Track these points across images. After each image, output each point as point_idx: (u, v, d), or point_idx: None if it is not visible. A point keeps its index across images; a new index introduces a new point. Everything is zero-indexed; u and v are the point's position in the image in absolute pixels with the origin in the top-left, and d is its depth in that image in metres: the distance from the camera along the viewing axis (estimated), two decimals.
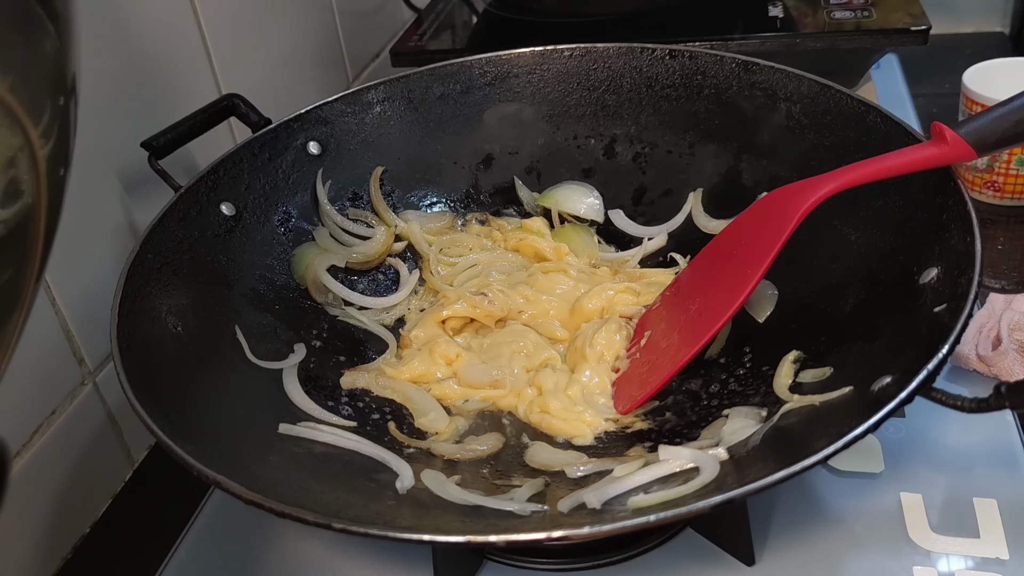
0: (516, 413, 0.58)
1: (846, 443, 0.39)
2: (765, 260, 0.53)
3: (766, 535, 0.52)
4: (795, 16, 0.89)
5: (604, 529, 0.38)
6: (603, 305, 0.63)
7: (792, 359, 0.53)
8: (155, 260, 0.56)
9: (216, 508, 0.60)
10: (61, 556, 0.59)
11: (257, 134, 0.66)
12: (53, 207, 0.27)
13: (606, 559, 0.52)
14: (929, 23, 0.84)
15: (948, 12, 1.10)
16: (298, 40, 0.90)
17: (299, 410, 0.56)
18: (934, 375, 0.41)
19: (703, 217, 0.68)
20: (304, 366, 0.59)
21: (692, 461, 0.46)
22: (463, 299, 0.64)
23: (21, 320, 0.27)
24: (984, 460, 0.55)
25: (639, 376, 0.57)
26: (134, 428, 0.64)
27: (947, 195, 0.51)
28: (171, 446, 0.43)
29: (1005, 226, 0.77)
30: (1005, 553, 0.49)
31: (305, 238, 0.67)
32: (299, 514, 0.40)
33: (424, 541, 0.39)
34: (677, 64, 0.69)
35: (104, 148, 0.63)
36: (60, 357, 0.60)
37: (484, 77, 0.72)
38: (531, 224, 0.71)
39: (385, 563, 0.54)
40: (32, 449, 0.57)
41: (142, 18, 0.67)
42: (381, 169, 0.71)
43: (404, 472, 0.51)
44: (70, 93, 0.27)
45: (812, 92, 0.62)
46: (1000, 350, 0.60)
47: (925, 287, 0.49)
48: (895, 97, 0.96)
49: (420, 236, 0.70)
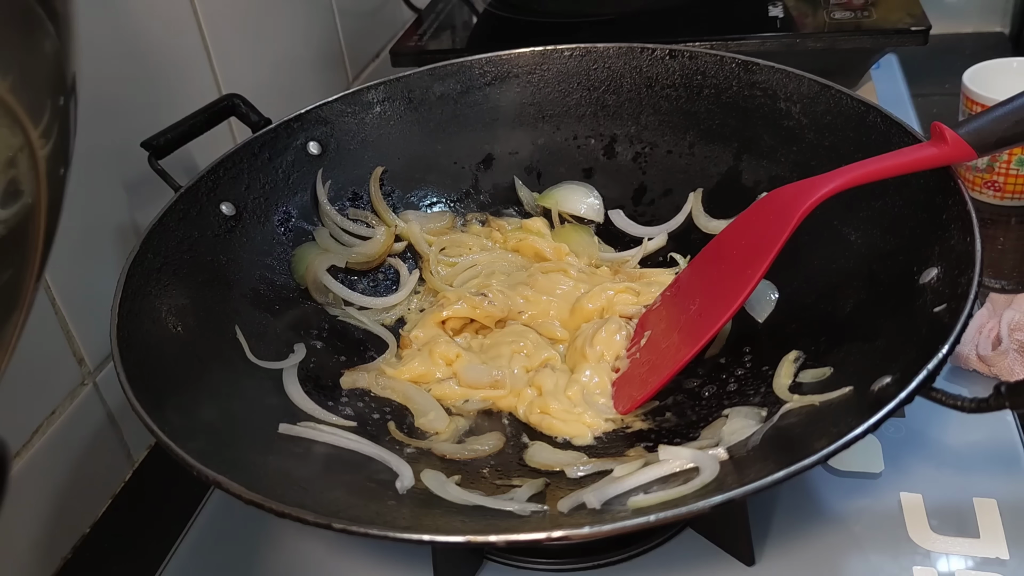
0: (516, 414, 0.58)
1: (846, 443, 0.39)
2: (765, 260, 0.53)
3: (766, 535, 0.52)
4: (795, 16, 0.89)
5: (604, 529, 0.38)
6: (603, 305, 0.63)
7: (792, 359, 0.53)
8: (155, 260, 0.56)
9: (216, 508, 0.60)
10: (61, 556, 0.59)
11: (257, 134, 0.66)
12: (53, 207, 0.27)
13: (606, 559, 0.52)
14: (929, 23, 0.84)
15: (948, 12, 1.10)
16: (298, 40, 0.90)
17: (299, 410, 0.56)
18: (934, 375, 0.41)
19: (703, 217, 0.68)
20: (304, 366, 0.59)
21: (692, 461, 0.46)
22: (463, 299, 0.64)
23: (21, 320, 0.27)
24: (984, 460, 0.55)
25: (639, 376, 0.57)
26: (134, 428, 0.64)
27: (947, 195, 0.51)
28: (171, 446, 0.43)
29: (1005, 226, 0.77)
30: (1005, 553, 0.50)
31: (305, 238, 0.67)
32: (299, 514, 0.40)
33: (424, 541, 0.39)
34: (677, 64, 0.69)
35: (104, 148, 0.63)
36: (60, 357, 0.60)
37: (484, 77, 0.72)
38: (531, 224, 0.71)
39: (385, 563, 0.54)
40: (32, 449, 0.57)
41: (142, 18, 0.67)
42: (381, 169, 0.71)
43: (404, 472, 0.51)
44: (70, 93, 0.28)
45: (812, 92, 0.62)
46: (1000, 350, 0.60)
47: (925, 287, 0.49)
48: (895, 97, 0.96)
49: (420, 236, 0.70)
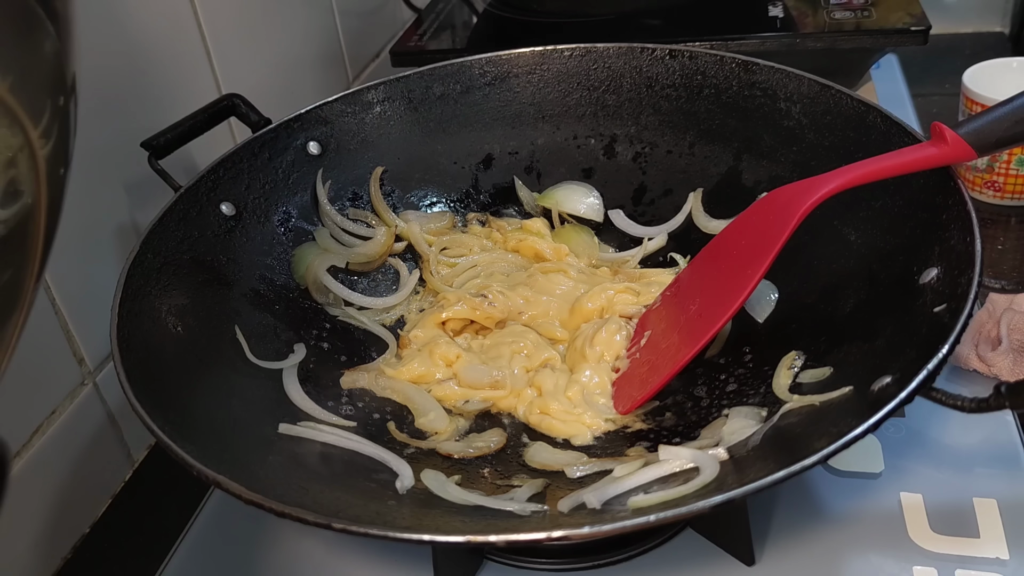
0: (516, 414, 0.58)
1: (846, 443, 0.39)
2: (765, 260, 0.53)
3: (766, 535, 0.52)
4: (795, 16, 0.89)
5: (604, 529, 0.38)
6: (603, 305, 0.63)
7: (792, 359, 0.53)
8: (155, 260, 0.56)
9: (216, 508, 0.60)
10: (61, 556, 0.59)
11: (257, 134, 0.66)
12: (53, 207, 0.27)
13: (606, 559, 0.52)
14: (929, 23, 0.84)
15: (948, 12, 1.10)
16: (298, 40, 0.90)
17: (299, 410, 0.56)
18: (934, 375, 0.41)
19: (703, 217, 0.68)
20: (304, 366, 0.59)
21: (692, 461, 0.46)
22: (463, 301, 0.64)
23: (21, 320, 0.27)
24: (984, 460, 0.55)
25: (639, 376, 0.57)
26: (134, 428, 0.64)
27: (947, 195, 0.51)
28: (171, 446, 0.43)
29: (1005, 226, 0.77)
30: (1005, 553, 0.49)
31: (305, 238, 0.67)
32: (299, 514, 0.40)
33: (424, 541, 0.39)
34: (677, 64, 0.69)
35: (104, 148, 0.63)
36: (60, 357, 0.60)
37: (484, 77, 0.72)
38: (531, 225, 0.71)
39: (385, 563, 0.54)
40: (32, 449, 0.57)
41: (142, 18, 0.67)
42: (381, 169, 0.71)
43: (404, 472, 0.51)
44: (70, 93, 0.27)
45: (812, 92, 0.62)
46: (1000, 350, 0.60)
47: (925, 287, 0.49)
48: (895, 97, 0.96)
49: (420, 236, 0.70)
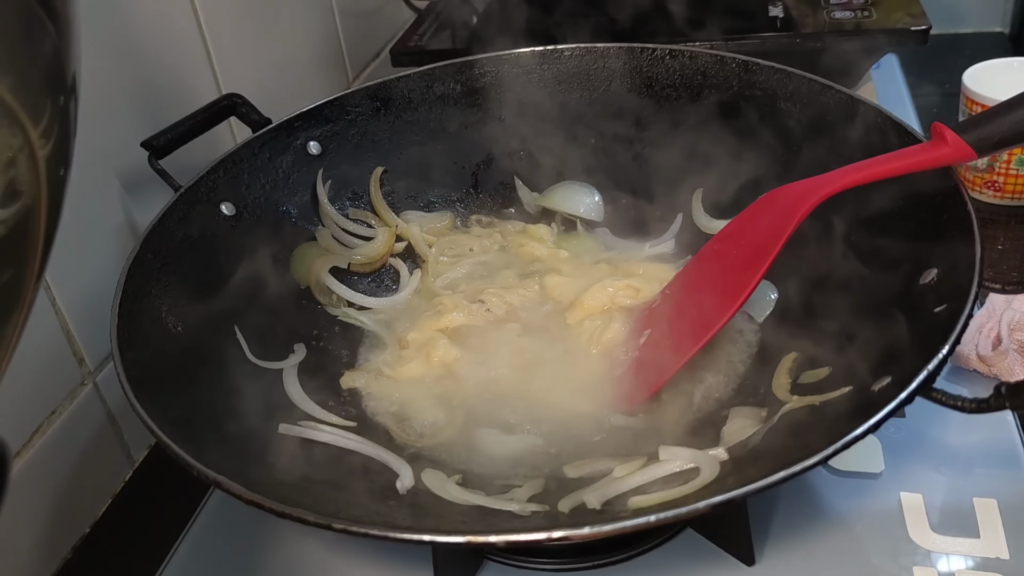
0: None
1: (846, 443, 0.39)
2: (766, 260, 0.52)
3: (766, 535, 0.52)
4: (795, 16, 0.89)
5: (604, 529, 0.38)
6: (604, 302, 0.63)
7: (791, 359, 0.53)
8: (155, 260, 0.56)
9: (216, 508, 0.60)
10: (61, 556, 0.59)
11: (257, 134, 0.66)
12: (53, 207, 0.27)
13: (606, 559, 0.52)
14: (929, 23, 0.84)
15: (948, 12, 1.10)
16: (298, 40, 0.90)
17: (299, 410, 0.56)
18: (934, 375, 0.41)
19: (703, 217, 0.68)
20: (304, 366, 0.59)
21: (692, 461, 0.46)
22: (459, 309, 0.64)
23: (21, 320, 0.27)
24: (984, 460, 0.55)
25: (639, 375, 0.57)
26: (134, 428, 0.63)
27: (947, 195, 0.51)
28: (171, 446, 0.43)
29: (1005, 226, 0.77)
30: (1005, 553, 0.49)
31: (305, 238, 0.67)
32: (299, 514, 0.40)
33: (424, 541, 0.39)
34: (677, 64, 0.69)
35: (104, 148, 0.63)
36: (60, 357, 0.60)
37: (484, 77, 0.72)
38: (535, 231, 0.71)
39: (385, 563, 0.54)
40: (32, 449, 0.57)
41: (142, 18, 0.67)
42: (381, 169, 0.71)
43: (404, 472, 0.51)
44: (70, 93, 0.27)
45: (812, 92, 0.62)
46: (1000, 350, 0.60)
47: (925, 287, 0.49)
48: (895, 97, 0.96)
49: (420, 237, 0.70)
